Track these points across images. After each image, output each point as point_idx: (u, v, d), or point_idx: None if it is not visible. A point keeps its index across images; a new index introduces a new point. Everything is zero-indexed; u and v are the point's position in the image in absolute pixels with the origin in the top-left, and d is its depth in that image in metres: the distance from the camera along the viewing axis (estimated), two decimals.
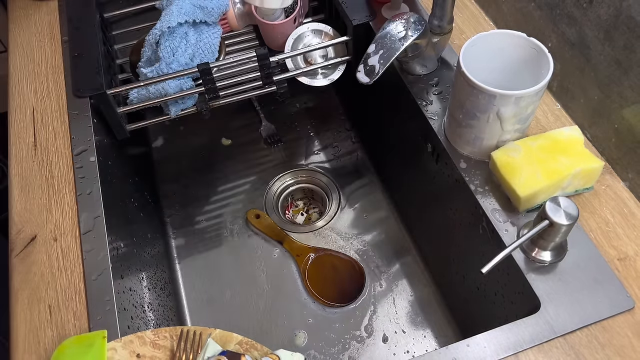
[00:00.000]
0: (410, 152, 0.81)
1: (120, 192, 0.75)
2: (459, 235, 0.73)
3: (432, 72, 0.75)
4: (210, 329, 0.55)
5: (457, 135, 0.66)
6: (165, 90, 0.72)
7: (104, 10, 0.84)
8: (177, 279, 0.90)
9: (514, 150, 0.61)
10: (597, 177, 0.61)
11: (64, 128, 0.71)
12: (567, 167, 0.59)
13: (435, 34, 0.71)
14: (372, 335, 0.82)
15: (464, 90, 0.59)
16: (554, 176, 0.59)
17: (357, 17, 0.75)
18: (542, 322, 0.54)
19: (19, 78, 0.77)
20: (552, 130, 0.63)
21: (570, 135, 0.62)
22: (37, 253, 0.62)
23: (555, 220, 0.53)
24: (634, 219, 0.60)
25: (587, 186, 0.61)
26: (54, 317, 0.57)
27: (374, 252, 0.90)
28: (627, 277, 0.57)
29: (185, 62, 0.72)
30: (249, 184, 1.00)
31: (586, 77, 0.64)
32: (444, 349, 0.54)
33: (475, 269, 0.71)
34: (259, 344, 0.55)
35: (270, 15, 0.76)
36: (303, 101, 1.11)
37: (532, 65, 0.60)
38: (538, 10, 0.69)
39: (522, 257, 0.58)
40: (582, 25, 0.63)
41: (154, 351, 0.54)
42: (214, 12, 0.76)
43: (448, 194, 0.71)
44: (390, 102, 0.84)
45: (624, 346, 0.53)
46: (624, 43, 0.57)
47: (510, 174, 0.60)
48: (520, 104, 0.57)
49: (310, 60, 0.80)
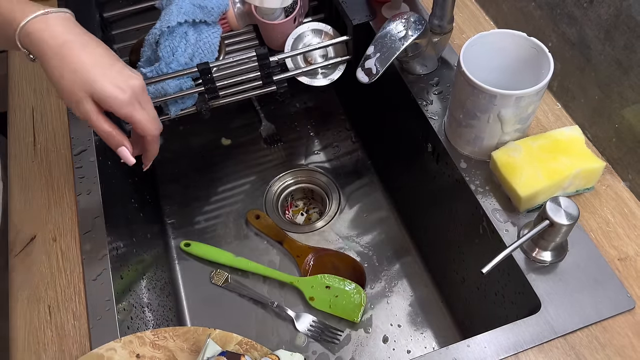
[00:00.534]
0: (410, 152, 0.81)
1: (120, 192, 0.75)
2: (459, 236, 0.73)
3: (432, 72, 0.75)
4: (210, 329, 0.55)
5: (457, 135, 0.66)
6: (164, 90, 0.72)
7: (103, 9, 0.84)
8: (177, 279, 0.90)
9: (515, 150, 0.61)
10: (599, 177, 0.61)
11: (64, 128, 0.71)
12: (568, 167, 0.59)
13: (435, 33, 0.71)
14: (372, 336, 0.82)
15: (464, 90, 0.59)
16: (554, 176, 0.59)
17: (357, 17, 0.75)
18: (543, 322, 0.54)
19: (19, 78, 0.77)
20: (553, 130, 0.63)
21: (571, 135, 0.62)
22: (36, 253, 0.62)
23: (555, 220, 0.53)
24: (634, 219, 0.60)
25: (588, 186, 0.61)
26: (53, 318, 0.57)
27: (374, 252, 0.90)
28: (627, 277, 0.56)
29: (185, 62, 0.72)
30: (248, 184, 1.00)
31: (586, 76, 0.64)
32: (444, 349, 0.54)
33: (475, 269, 0.71)
34: (259, 344, 0.55)
35: (270, 14, 0.76)
36: (303, 101, 1.11)
37: (533, 65, 0.60)
38: (538, 9, 0.69)
39: (523, 257, 0.58)
40: (582, 25, 0.63)
41: (154, 351, 0.54)
42: (213, 12, 0.76)
43: (448, 194, 0.71)
44: (390, 101, 0.84)
45: (625, 346, 0.53)
46: (625, 43, 0.57)
47: (511, 173, 0.60)
48: (521, 104, 0.57)
49: (310, 60, 0.80)
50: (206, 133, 1.07)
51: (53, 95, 0.75)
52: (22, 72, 0.78)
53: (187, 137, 1.07)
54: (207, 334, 0.55)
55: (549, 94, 0.71)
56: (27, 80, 0.77)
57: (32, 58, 0.51)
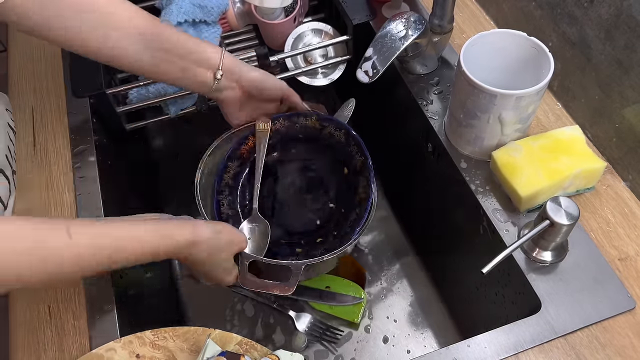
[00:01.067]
0: (410, 151, 0.81)
1: (120, 192, 0.75)
2: (459, 235, 0.73)
3: (432, 72, 0.75)
4: (209, 329, 0.55)
5: (457, 134, 0.66)
6: (164, 90, 0.72)
7: None
8: (177, 278, 0.90)
9: (515, 150, 0.61)
10: (599, 177, 0.61)
11: (64, 128, 0.71)
12: (568, 167, 0.59)
13: (435, 33, 0.71)
14: (372, 336, 0.82)
15: (464, 89, 0.59)
16: (555, 176, 0.58)
17: (357, 17, 0.75)
18: (543, 322, 0.54)
19: (19, 78, 0.77)
20: (554, 129, 0.63)
21: (571, 135, 0.62)
22: None
23: (556, 220, 0.52)
24: (634, 219, 0.60)
25: (588, 186, 0.61)
26: (53, 318, 0.57)
27: (374, 252, 0.90)
28: (627, 277, 0.56)
29: None
30: None
31: (587, 76, 0.64)
32: (444, 349, 0.54)
33: (475, 269, 0.70)
34: (259, 345, 0.55)
35: (270, 14, 0.76)
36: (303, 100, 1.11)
37: (533, 65, 0.60)
38: (539, 9, 0.69)
39: (523, 257, 0.58)
40: (583, 25, 0.62)
41: (154, 351, 0.54)
42: (213, 12, 0.76)
43: (448, 194, 0.71)
44: (390, 101, 0.84)
45: (625, 346, 0.53)
46: (625, 42, 0.57)
47: (512, 173, 0.60)
48: (521, 104, 0.57)
49: (310, 60, 0.80)
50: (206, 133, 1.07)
51: (53, 95, 0.75)
52: (22, 72, 0.78)
53: (187, 136, 1.07)
54: (207, 334, 0.55)
55: (549, 94, 0.71)
56: (27, 80, 0.76)
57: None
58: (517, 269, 0.58)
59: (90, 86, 0.71)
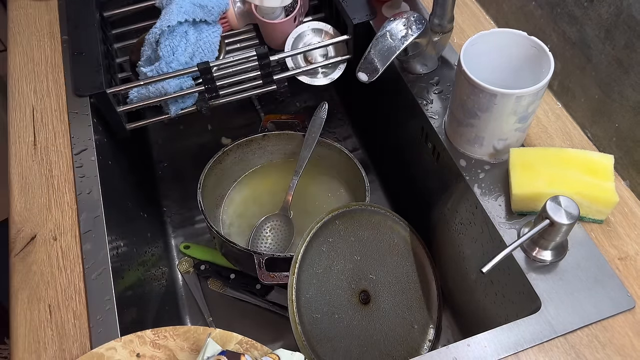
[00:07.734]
0: (410, 151, 0.81)
1: (120, 191, 0.75)
2: (459, 235, 0.73)
3: (432, 71, 0.75)
4: (210, 328, 0.55)
5: (457, 134, 0.66)
6: (165, 89, 0.72)
7: (103, 9, 0.84)
8: (177, 278, 0.90)
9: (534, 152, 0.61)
10: (610, 210, 0.58)
11: (64, 127, 0.71)
12: (576, 184, 0.57)
13: (435, 32, 0.71)
14: None
15: (464, 89, 0.59)
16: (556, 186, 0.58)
17: (358, 16, 0.75)
18: (543, 321, 0.54)
19: (19, 77, 0.77)
20: (587, 150, 0.61)
21: (601, 160, 0.59)
22: (37, 252, 0.62)
23: (555, 219, 0.52)
24: (634, 219, 0.60)
25: (597, 217, 0.59)
26: (53, 317, 0.57)
27: None
28: (627, 276, 0.56)
29: (185, 61, 0.72)
30: None
31: (587, 76, 0.64)
32: (444, 348, 0.54)
33: (475, 268, 0.71)
34: (259, 344, 0.55)
35: (270, 14, 0.76)
36: (303, 100, 1.11)
37: (533, 64, 0.60)
38: (539, 9, 0.69)
39: (523, 256, 0.58)
40: (583, 24, 0.63)
41: (154, 351, 0.54)
42: (213, 11, 0.76)
43: (448, 193, 0.71)
44: (390, 101, 0.84)
45: (625, 346, 0.53)
46: (625, 42, 0.57)
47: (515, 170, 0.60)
48: (521, 103, 0.57)
49: (311, 59, 0.80)
50: (206, 132, 1.07)
51: (53, 94, 0.75)
52: (22, 72, 0.78)
53: (188, 136, 1.07)
54: (207, 333, 0.55)
55: (549, 93, 0.71)
56: (27, 80, 0.77)
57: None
58: (517, 269, 0.58)
59: (91, 86, 0.71)
